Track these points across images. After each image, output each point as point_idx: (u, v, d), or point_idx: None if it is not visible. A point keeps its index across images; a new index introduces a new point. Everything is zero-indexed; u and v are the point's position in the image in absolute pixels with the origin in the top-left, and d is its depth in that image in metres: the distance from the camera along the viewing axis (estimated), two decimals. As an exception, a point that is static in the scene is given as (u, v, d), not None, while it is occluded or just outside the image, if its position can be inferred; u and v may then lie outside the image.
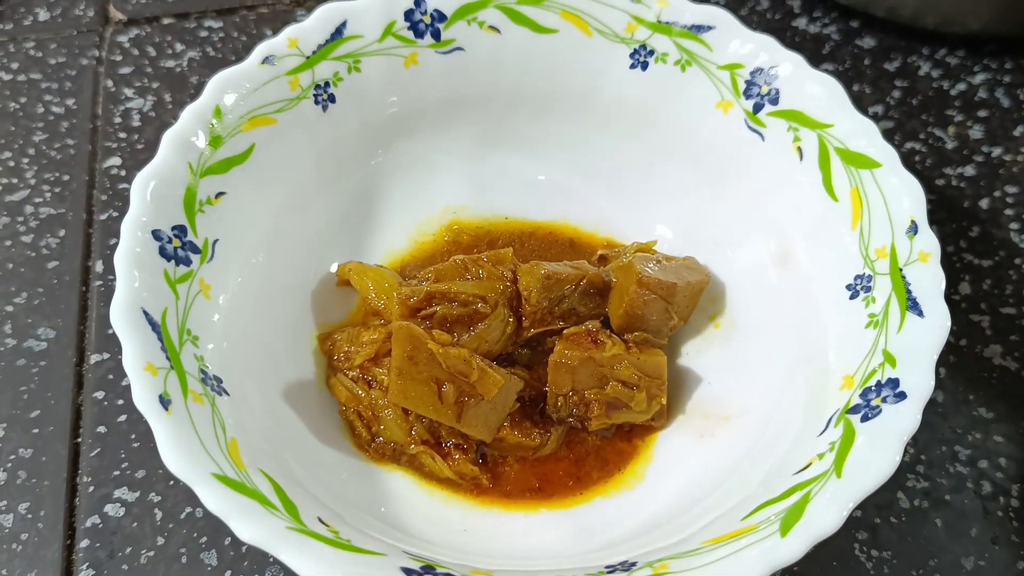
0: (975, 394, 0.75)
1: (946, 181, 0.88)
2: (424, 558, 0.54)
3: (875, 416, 0.56)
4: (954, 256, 0.82)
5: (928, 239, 0.62)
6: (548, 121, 0.79)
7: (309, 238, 0.74)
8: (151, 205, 0.62)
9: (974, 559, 0.68)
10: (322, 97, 0.72)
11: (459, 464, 0.67)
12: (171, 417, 0.54)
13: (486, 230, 0.80)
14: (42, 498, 0.70)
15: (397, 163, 0.78)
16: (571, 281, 0.70)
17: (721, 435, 0.68)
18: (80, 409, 0.74)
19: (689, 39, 0.73)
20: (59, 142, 0.89)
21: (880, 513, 0.69)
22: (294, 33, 0.71)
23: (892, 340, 0.59)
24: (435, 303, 0.68)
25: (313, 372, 0.71)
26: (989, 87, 0.95)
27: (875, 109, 0.93)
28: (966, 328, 0.78)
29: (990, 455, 0.72)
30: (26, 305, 0.79)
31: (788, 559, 0.50)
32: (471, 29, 0.74)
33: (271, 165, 0.70)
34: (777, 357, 0.68)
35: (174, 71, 0.95)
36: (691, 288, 0.71)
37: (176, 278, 0.61)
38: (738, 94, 0.72)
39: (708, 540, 0.54)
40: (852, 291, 0.64)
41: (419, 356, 0.63)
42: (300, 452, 0.64)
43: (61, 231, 0.83)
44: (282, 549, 0.50)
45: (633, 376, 0.67)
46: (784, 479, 0.56)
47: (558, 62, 0.76)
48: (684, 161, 0.76)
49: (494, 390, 0.64)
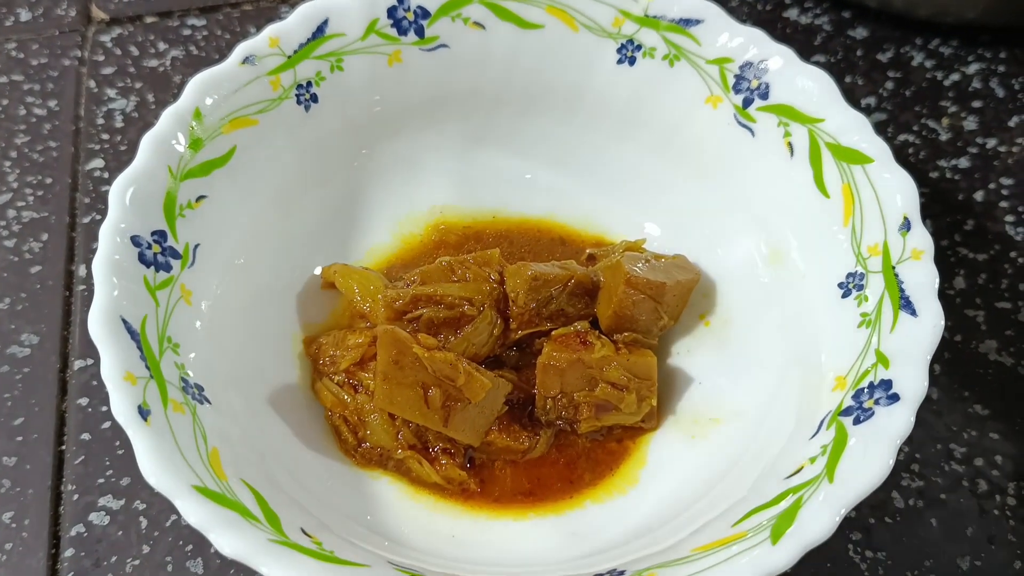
0: (970, 391, 0.74)
1: (940, 173, 0.87)
2: (409, 568, 0.53)
3: (868, 419, 0.55)
4: (948, 250, 0.81)
5: (921, 236, 0.60)
6: (535, 118, 0.78)
7: (293, 240, 0.73)
8: (130, 210, 0.61)
9: (970, 559, 0.67)
10: (304, 97, 0.71)
11: (446, 469, 0.66)
12: (151, 428, 0.53)
13: (473, 229, 0.79)
14: (26, 507, 0.69)
15: (382, 163, 0.77)
16: (559, 282, 0.69)
17: (712, 437, 0.67)
18: (64, 416, 0.73)
19: (677, 33, 0.72)
20: (41, 144, 0.88)
21: (874, 513, 0.68)
22: (275, 32, 0.70)
23: (885, 340, 0.58)
24: (421, 306, 0.67)
25: (298, 377, 0.70)
26: (983, 77, 0.94)
27: (868, 101, 0.92)
28: (961, 323, 0.77)
29: (986, 453, 0.71)
30: (9, 310, 0.78)
31: (779, 567, 0.49)
32: (455, 26, 0.73)
33: (253, 167, 0.69)
34: (768, 357, 0.68)
35: (157, 71, 0.94)
36: (681, 287, 0.70)
37: (156, 284, 0.60)
38: (727, 89, 0.71)
39: (697, 547, 0.53)
40: (844, 289, 0.63)
41: (405, 360, 0.63)
42: (285, 459, 0.63)
43: (44, 235, 0.82)
44: (263, 562, 0.49)
45: (622, 377, 0.66)
46: (775, 483, 0.56)
47: (544, 58, 0.74)
48: (673, 157, 0.75)
49: (481, 394, 0.63)
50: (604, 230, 0.79)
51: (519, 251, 0.78)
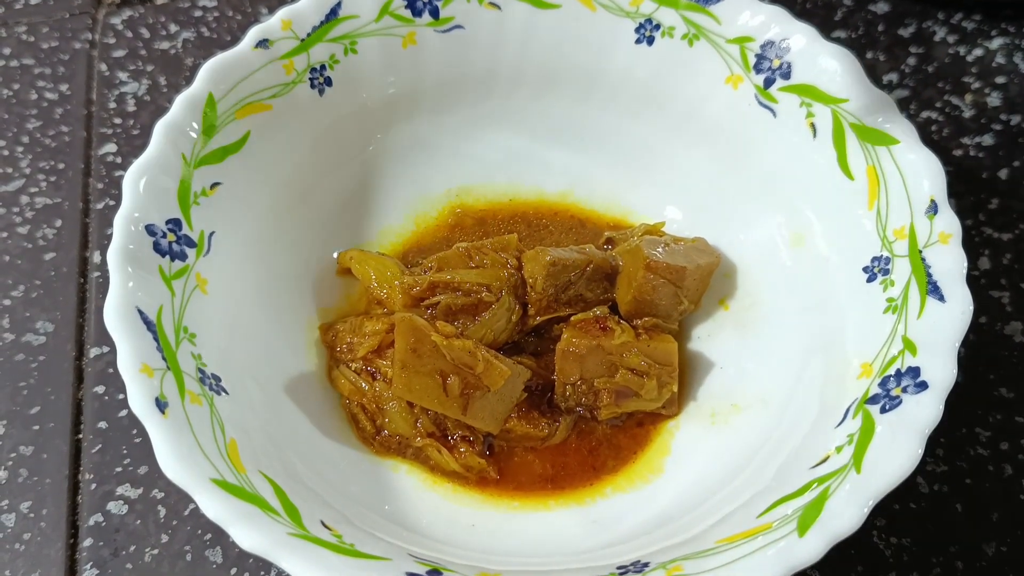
0: (995, 374, 0.73)
1: (964, 151, 0.85)
2: (430, 560, 0.53)
3: (895, 407, 0.54)
4: (973, 230, 0.80)
5: (949, 219, 0.59)
6: (551, 99, 0.77)
7: (308, 226, 0.73)
8: (144, 199, 0.60)
9: (995, 545, 0.66)
10: (318, 81, 0.70)
11: (466, 457, 0.66)
12: (168, 421, 0.52)
13: (490, 212, 0.78)
14: (44, 496, 0.69)
15: (397, 146, 0.77)
16: (577, 267, 0.68)
17: (734, 423, 0.66)
18: (80, 404, 0.73)
19: (696, 11, 0.70)
20: (53, 129, 0.88)
21: (899, 499, 0.67)
22: (288, 15, 0.69)
23: (912, 326, 0.57)
24: (438, 292, 0.66)
25: (315, 364, 0.70)
26: (1007, 52, 0.92)
27: (889, 77, 0.91)
28: (986, 305, 0.76)
29: (1011, 437, 0.70)
30: (24, 298, 0.77)
31: (806, 561, 0.49)
32: (470, 6, 0.72)
33: (267, 153, 0.68)
34: (791, 342, 0.67)
35: (168, 53, 0.93)
36: (701, 271, 0.69)
37: (171, 274, 0.60)
38: (748, 69, 0.70)
39: (722, 539, 0.52)
40: (869, 274, 0.62)
41: (423, 348, 0.62)
42: (302, 448, 0.63)
43: (57, 221, 0.82)
44: (283, 557, 0.49)
45: (643, 363, 0.65)
46: (800, 473, 0.55)
47: (561, 38, 0.73)
48: (693, 139, 0.74)
49: (500, 381, 0.62)
50: (623, 212, 0.78)
51: (537, 233, 0.78)
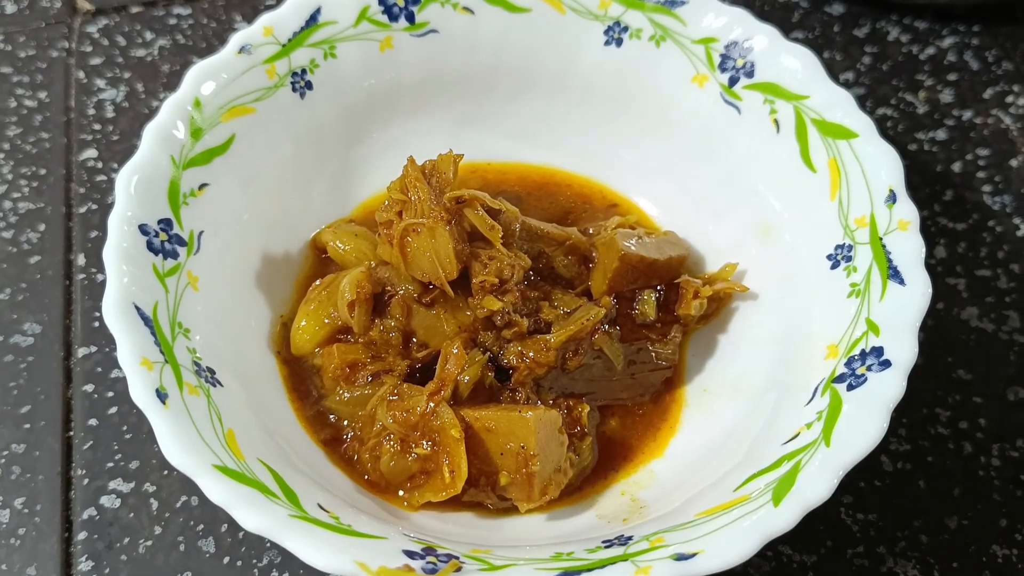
0: (953, 356, 0.76)
1: (918, 146, 0.89)
2: (425, 539, 0.55)
3: (861, 385, 0.57)
4: (928, 220, 0.83)
5: (907, 207, 0.63)
6: (524, 101, 0.80)
7: (291, 225, 0.75)
8: (136, 199, 0.62)
9: (957, 518, 0.69)
10: (299, 84, 0.72)
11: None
12: (169, 411, 0.54)
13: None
14: (37, 492, 0.70)
15: (376, 147, 0.79)
16: (555, 240, 0.70)
17: (709, 409, 0.69)
18: (70, 403, 0.74)
19: (663, 14, 0.73)
20: (34, 136, 0.89)
21: (864, 476, 0.70)
22: (269, 21, 0.71)
23: (875, 309, 0.60)
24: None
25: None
26: (958, 50, 0.96)
27: (846, 76, 0.94)
28: (943, 292, 0.79)
29: (970, 416, 0.73)
30: (10, 301, 0.79)
31: (781, 528, 0.51)
32: (445, 11, 0.75)
33: (251, 154, 0.70)
34: (761, 328, 0.70)
35: (145, 60, 0.95)
36: (672, 263, 0.72)
37: (164, 272, 0.62)
38: (713, 68, 0.73)
39: (701, 512, 0.55)
40: (833, 261, 0.65)
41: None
42: (295, 440, 0.65)
43: (41, 225, 0.83)
44: (286, 536, 0.50)
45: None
46: (773, 449, 0.58)
47: (533, 41, 0.76)
48: (662, 136, 0.77)
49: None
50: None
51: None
